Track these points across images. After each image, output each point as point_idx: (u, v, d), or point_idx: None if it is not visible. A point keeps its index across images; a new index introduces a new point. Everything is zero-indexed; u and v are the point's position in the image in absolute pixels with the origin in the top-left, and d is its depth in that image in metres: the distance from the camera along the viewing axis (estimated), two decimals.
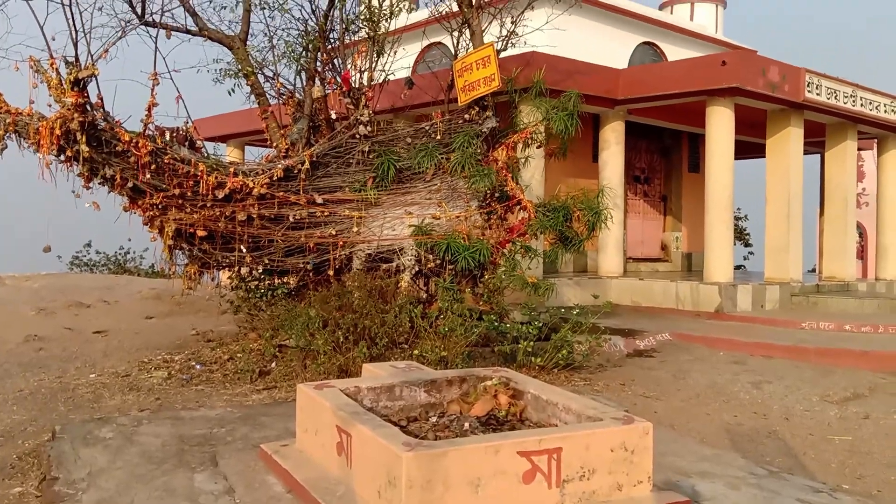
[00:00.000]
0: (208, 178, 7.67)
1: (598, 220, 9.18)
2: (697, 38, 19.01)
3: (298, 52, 9.26)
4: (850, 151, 15.84)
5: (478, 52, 8.98)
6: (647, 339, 10.41)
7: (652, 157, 18.34)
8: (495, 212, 9.21)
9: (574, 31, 14.36)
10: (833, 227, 16.04)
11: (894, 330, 11.36)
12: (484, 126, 9.11)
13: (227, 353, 8.12)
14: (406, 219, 8.74)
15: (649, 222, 18.34)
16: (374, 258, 8.64)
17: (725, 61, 12.94)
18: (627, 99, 14.13)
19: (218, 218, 7.93)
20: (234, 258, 8.23)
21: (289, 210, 8.19)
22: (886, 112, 15.71)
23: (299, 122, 8.92)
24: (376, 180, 8.64)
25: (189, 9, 8.83)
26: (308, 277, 8.66)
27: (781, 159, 14.32)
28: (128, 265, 22.42)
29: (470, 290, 8.80)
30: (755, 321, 12.31)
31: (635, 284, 14.33)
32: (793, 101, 13.72)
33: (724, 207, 13.47)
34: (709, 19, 20.32)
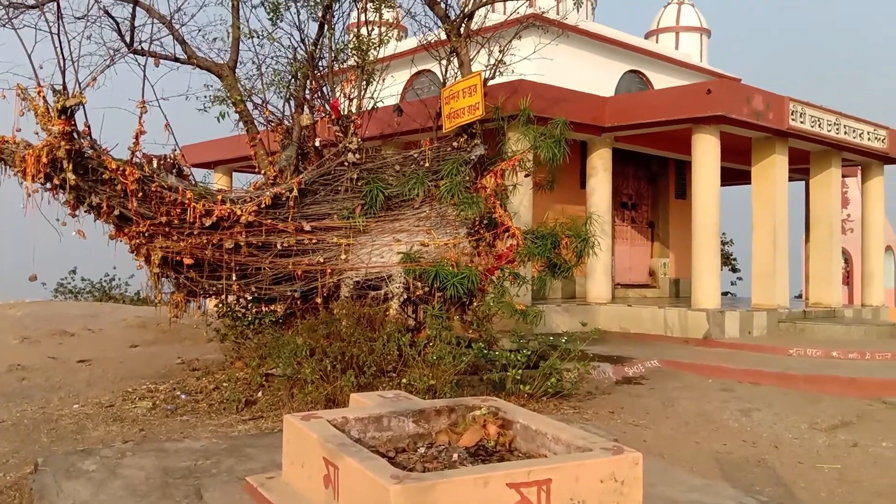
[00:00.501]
0: (196, 205, 7.63)
1: (586, 248, 9.20)
2: (682, 67, 19.23)
3: (287, 80, 9.29)
4: (834, 178, 16.00)
5: (465, 80, 9.04)
6: (635, 366, 10.39)
7: (639, 184, 18.45)
8: (484, 239, 9.21)
9: (561, 59, 14.50)
10: (819, 254, 16.15)
11: (881, 357, 11.41)
12: (472, 153, 9.15)
13: (212, 383, 8.04)
14: (395, 246, 8.73)
15: (637, 248, 18.41)
16: (363, 285, 8.61)
17: (710, 90, 13.08)
18: (614, 126, 14.24)
19: (205, 246, 7.89)
20: (221, 286, 8.18)
21: (277, 237, 8.17)
22: (869, 140, 15.90)
23: (288, 150, 8.93)
24: (365, 207, 8.63)
25: (178, 37, 8.85)
26: (296, 305, 8.61)
27: (767, 186, 14.44)
28: (113, 292, 22.24)
29: (459, 318, 8.78)
30: (743, 348, 12.33)
31: (623, 311, 14.34)
32: (777, 129, 13.87)
33: (710, 234, 13.54)
34: (693, 48, 20.57)
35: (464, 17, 9.64)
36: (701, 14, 20.97)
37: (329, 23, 9.16)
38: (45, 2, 7.90)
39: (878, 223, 17.81)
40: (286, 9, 9.24)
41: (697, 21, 20.77)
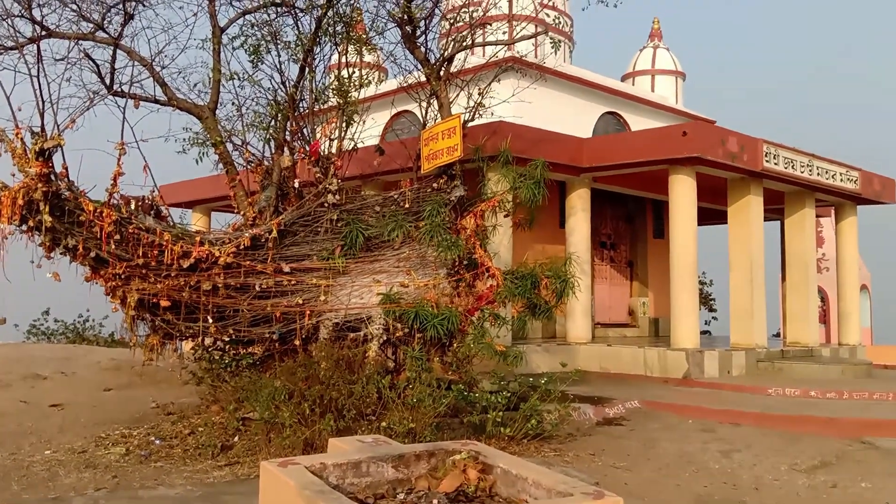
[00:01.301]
0: (173, 247, 7.58)
1: (566, 288, 9.22)
2: (658, 109, 19.55)
3: (267, 122, 9.31)
4: (808, 218, 16.24)
5: (445, 122, 9.13)
6: (616, 406, 10.36)
7: (618, 224, 18.61)
8: (464, 279, 9.20)
9: (540, 100, 14.69)
10: (795, 293, 16.31)
11: (859, 396, 11.48)
12: (452, 195, 9.19)
13: (188, 427, 7.90)
14: (374, 287, 8.69)
15: (616, 288, 18.50)
16: (342, 327, 8.55)
17: (686, 132, 13.29)
18: (593, 167, 14.40)
19: (182, 287, 7.81)
20: (198, 328, 8.09)
21: (255, 279, 8.11)
22: (842, 181, 16.19)
23: (267, 190, 8.91)
24: (344, 248, 8.61)
25: (159, 79, 8.87)
26: (274, 347, 8.52)
27: (743, 226, 14.61)
28: (87, 333, 21.85)
29: (439, 359, 8.73)
30: (722, 387, 12.35)
31: (604, 350, 14.34)
32: (752, 171, 14.09)
33: (688, 273, 13.64)
34: (669, 90, 20.95)
35: (443, 61, 9.75)
36: (675, 58, 21.39)
37: (310, 65, 9.23)
38: (25, 44, 7.91)
39: (852, 263, 18.05)
40: (267, 52, 9.31)
41: (672, 64, 21.18)
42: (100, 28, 8.77)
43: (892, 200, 18.14)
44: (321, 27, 9.15)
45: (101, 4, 8.75)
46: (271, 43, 9.35)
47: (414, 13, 9.20)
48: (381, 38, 10.34)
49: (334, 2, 9.16)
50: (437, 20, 10.79)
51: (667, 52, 21.32)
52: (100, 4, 8.75)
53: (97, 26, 8.76)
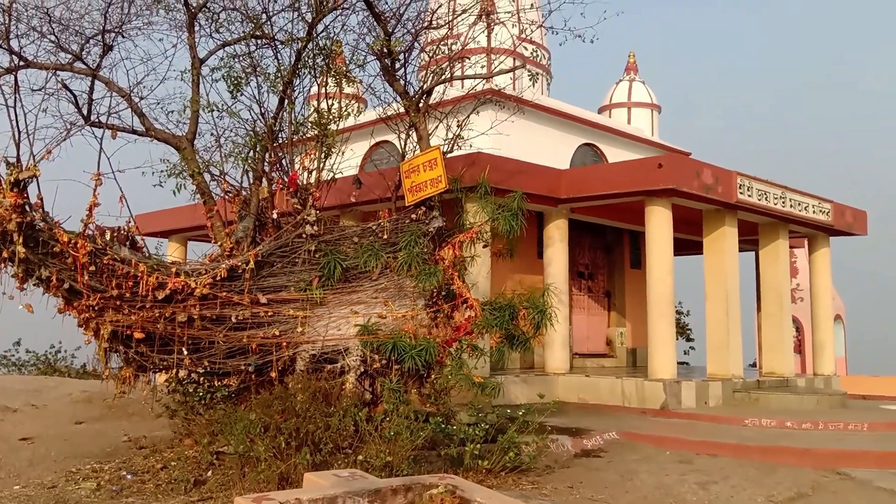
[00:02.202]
0: (149, 278, 7.52)
1: (544, 319, 9.24)
2: (635, 141, 19.80)
3: (246, 153, 9.32)
4: (782, 249, 16.44)
5: (425, 154, 9.18)
6: (594, 438, 10.34)
7: (595, 254, 18.72)
8: (442, 310, 9.20)
9: (518, 132, 14.82)
10: (770, 323, 16.45)
11: (834, 427, 11.55)
12: (430, 226, 9.22)
13: (160, 461, 7.77)
14: (352, 318, 8.66)
15: (594, 318, 18.56)
16: (319, 359, 8.49)
17: (662, 164, 13.45)
18: (570, 198, 14.51)
19: (157, 319, 7.74)
20: (172, 360, 7.99)
21: (231, 310, 8.05)
22: (815, 213, 16.44)
23: (245, 221, 8.89)
24: (322, 279, 8.59)
25: (136, 110, 8.86)
26: (250, 379, 8.44)
27: (718, 257, 14.76)
28: (58, 364, 21.52)
29: (416, 391, 8.69)
30: (699, 418, 12.38)
31: (582, 381, 14.35)
32: (726, 202, 14.27)
33: (665, 303, 13.73)
34: (645, 123, 21.23)
35: (422, 94, 9.84)
36: (651, 91, 21.72)
37: (289, 97, 9.26)
38: (2, 74, 7.88)
39: (826, 294, 18.26)
40: (246, 83, 9.34)
41: (648, 97, 21.50)
42: (78, 59, 8.77)
43: (863, 232, 18.44)
44: (301, 60, 9.21)
45: (79, 35, 8.77)
46: (251, 74, 9.38)
47: (393, 46, 9.29)
48: (361, 70, 10.42)
49: (314, 35, 9.22)
50: (417, 53, 10.91)
51: (642, 85, 21.65)
52: (78, 35, 8.76)
53: (75, 57, 8.76)
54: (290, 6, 9.17)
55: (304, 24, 9.18)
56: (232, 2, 9.18)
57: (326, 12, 9.10)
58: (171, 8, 9.00)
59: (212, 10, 9.24)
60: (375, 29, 9.70)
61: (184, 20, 9.15)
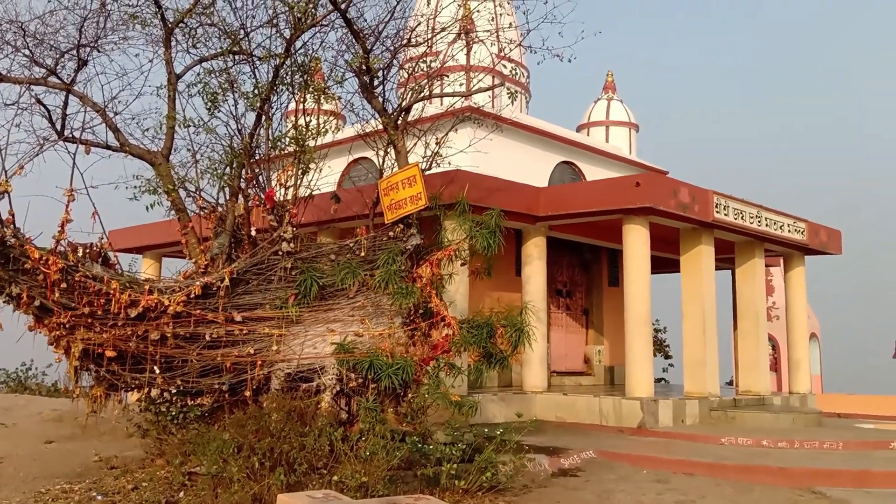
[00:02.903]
0: (121, 296, 7.42)
1: (521, 338, 9.21)
2: (613, 159, 19.93)
3: (222, 170, 9.24)
4: (758, 268, 16.57)
5: (403, 171, 9.15)
6: (571, 457, 10.31)
7: (573, 272, 18.77)
8: (419, 328, 9.15)
9: (497, 149, 14.86)
10: (746, 341, 16.55)
11: (809, 445, 11.61)
12: (408, 243, 9.18)
13: (131, 482, 7.63)
14: (328, 336, 8.59)
15: (572, 335, 18.57)
16: (294, 378, 8.40)
17: (639, 183, 13.54)
18: (548, 216, 14.55)
19: (129, 337, 7.62)
20: (144, 379, 7.87)
21: (206, 328, 7.95)
22: (790, 232, 16.61)
23: (220, 237, 8.80)
24: (298, 297, 8.51)
25: (111, 125, 8.77)
26: (223, 398, 8.33)
27: (695, 275, 14.85)
28: (29, 382, 21.14)
29: (393, 410, 8.61)
30: (676, 437, 12.40)
31: (559, 400, 14.33)
32: (703, 221, 14.38)
33: (642, 322, 13.77)
34: (623, 141, 21.40)
35: (401, 111, 9.84)
36: (629, 109, 21.91)
37: (266, 113, 9.22)
38: None
39: (801, 312, 18.42)
40: (224, 99, 9.28)
41: (626, 116, 21.68)
42: (52, 73, 8.68)
43: (838, 251, 18.66)
44: (279, 76, 9.17)
45: (54, 50, 8.68)
46: (228, 90, 9.32)
47: (372, 64, 9.29)
48: (340, 86, 10.40)
49: (293, 51, 9.20)
50: (396, 70, 10.92)
51: (620, 104, 21.83)
52: (53, 50, 8.67)
53: (50, 72, 8.67)
54: (267, 22, 9.15)
55: (282, 41, 9.16)
56: (209, 17, 9.13)
57: (305, 29, 9.08)
58: (147, 23, 8.93)
59: (189, 25, 9.18)
60: (354, 46, 9.70)
61: (160, 35, 9.10)
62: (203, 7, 8.97)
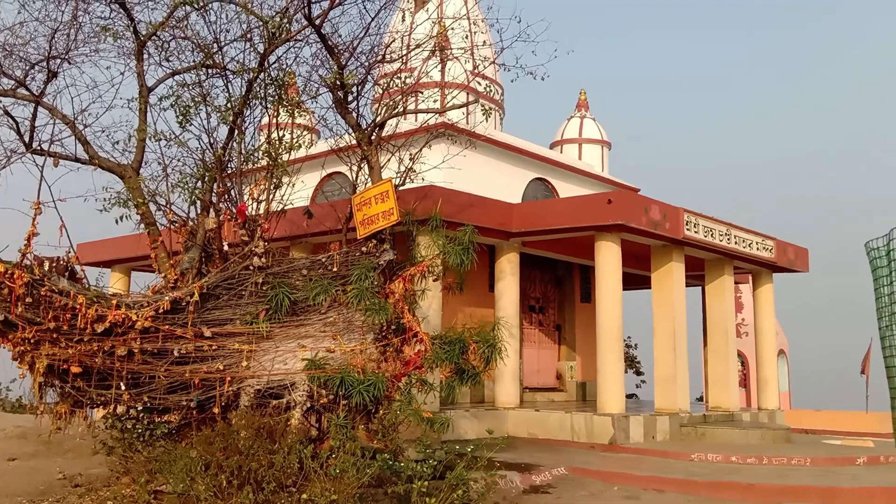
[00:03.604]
0: (87, 310, 7.30)
1: (494, 354, 9.21)
2: (585, 176, 20.09)
3: (194, 183, 9.16)
4: (727, 285, 16.77)
5: (376, 187, 9.14)
6: (543, 473, 10.30)
7: (546, 288, 18.84)
8: (392, 344, 9.10)
9: (471, 165, 14.92)
10: (716, 358, 16.71)
11: (778, 461, 11.72)
12: (381, 259, 9.14)
13: (96, 500, 7.49)
14: (299, 352, 8.51)
15: (545, 351, 18.61)
16: (264, 394, 8.31)
17: (611, 200, 13.65)
18: (522, 232, 14.61)
19: (96, 353, 7.49)
20: (110, 396, 7.73)
21: (174, 344, 7.84)
22: (758, 250, 16.84)
23: (191, 252, 8.72)
24: (269, 312, 8.43)
25: (81, 137, 8.66)
26: (191, 415, 8.20)
27: (666, 292, 14.98)
28: None
29: (364, 427, 8.55)
30: (647, 453, 12.45)
31: (531, 416, 14.33)
32: (674, 238, 14.52)
33: (614, 338, 13.84)
34: (595, 159, 21.57)
35: (375, 127, 9.83)
36: (602, 127, 22.12)
37: (239, 127, 9.16)
38: None
39: (770, 329, 18.65)
40: (196, 112, 9.21)
41: (599, 134, 21.88)
42: (21, 85, 8.56)
43: (805, 269, 18.94)
44: (252, 90, 9.13)
45: (23, 61, 8.56)
46: (200, 104, 9.26)
47: (346, 79, 9.28)
48: (314, 101, 10.37)
49: (266, 66, 9.17)
50: (370, 86, 10.92)
51: (593, 121, 22.03)
52: (23, 61, 8.56)
53: (19, 83, 8.55)
54: (241, 37, 9.11)
55: (256, 55, 9.13)
56: (183, 31, 9.08)
57: (279, 44, 9.06)
58: (119, 35, 8.85)
59: (162, 38, 9.11)
60: (328, 61, 9.69)
61: (132, 48, 9.02)
62: (176, 20, 8.91)
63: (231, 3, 8.76)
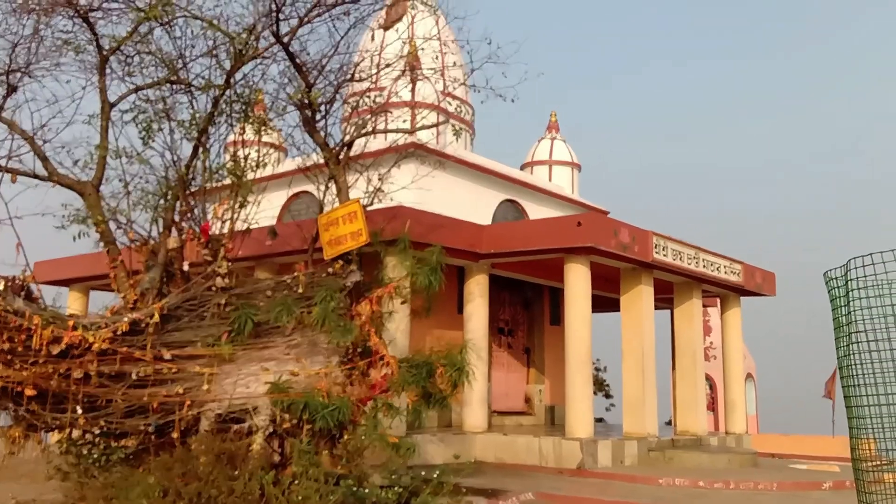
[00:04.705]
0: (43, 331, 7.08)
1: (461, 377, 9.09)
2: (556, 198, 20.15)
3: (156, 201, 8.96)
4: (696, 308, 16.84)
5: (344, 207, 9.02)
6: (510, 499, 10.16)
7: (515, 310, 18.77)
8: (357, 367, 8.95)
9: (441, 186, 14.86)
10: (684, 381, 16.73)
11: (744, 486, 11.71)
12: (348, 280, 9.01)
13: None
14: (262, 375, 8.32)
15: (513, 374, 18.51)
16: (225, 418, 8.09)
17: (581, 222, 13.66)
18: (491, 253, 14.55)
19: (51, 375, 7.26)
20: (66, 419, 7.48)
21: (132, 366, 7.62)
22: (726, 273, 16.95)
23: (152, 272, 8.51)
24: (232, 334, 8.24)
25: (40, 153, 8.45)
26: (149, 440, 7.96)
27: (634, 315, 14.99)
28: None
29: (328, 452, 8.37)
30: (615, 478, 12.37)
31: (499, 440, 14.19)
32: (643, 261, 14.56)
33: (583, 361, 13.79)
34: (565, 181, 21.66)
35: (343, 146, 9.73)
36: (572, 149, 22.24)
37: (204, 145, 9.00)
38: None
39: (737, 353, 18.75)
40: (159, 129, 9.04)
41: (569, 156, 21.98)
42: None
43: (772, 293, 19.11)
44: (218, 107, 8.99)
45: None
46: (164, 119, 9.08)
47: (314, 98, 9.18)
48: (281, 119, 10.25)
49: (233, 83, 9.04)
50: (339, 105, 10.83)
51: (563, 143, 22.14)
52: None
53: None
54: (207, 53, 8.97)
55: (221, 72, 8.99)
56: (147, 46, 8.92)
57: (246, 61, 8.94)
58: (81, 49, 8.67)
59: (125, 53, 8.94)
60: (297, 79, 9.59)
61: (95, 62, 8.83)
62: (140, 35, 8.76)
63: (197, 18, 8.61)
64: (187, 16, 8.66)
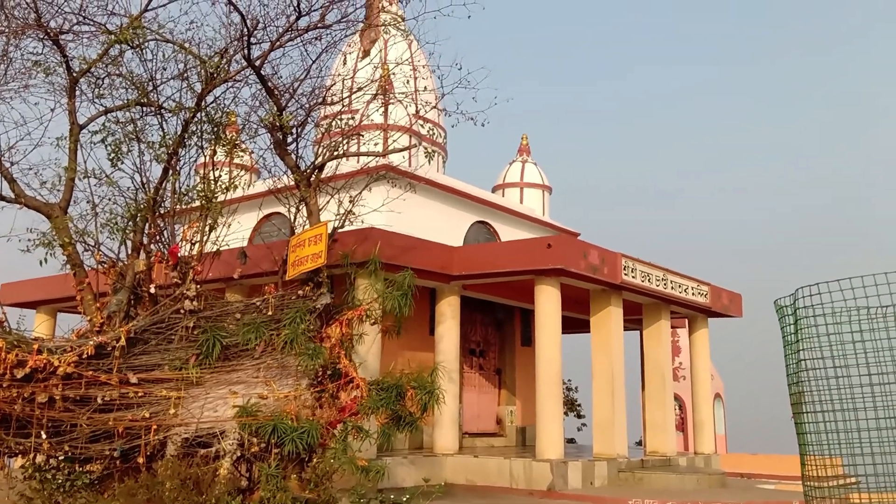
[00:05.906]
0: (7, 355, 6.99)
1: (431, 400, 9.10)
2: (527, 220, 20.30)
3: (125, 223, 8.90)
4: (664, 329, 17.02)
5: (312, 229, 9.05)
6: None
7: (487, 331, 18.82)
8: (327, 390, 8.92)
9: (413, 208, 14.92)
10: (654, 402, 16.87)
11: None
12: (318, 302, 9.01)
13: None
14: (230, 399, 8.26)
15: (485, 396, 18.52)
16: (192, 443, 8.02)
17: (551, 244, 13.79)
18: (463, 275, 14.61)
19: (15, 399, 7.16)
20: (30, 444, 7.36)
21: (98, 390, 7.54)
22: (694, 295, 17.17)
23: (119, 294, 8.44)
24: (200, 357, 8.19)
25: (6, 175, 8.37)
26: (115, 465, 7.86)
27: (604, 336, 15.11)
28: None
29: (297, 476, 8.31)
30: (585, 499, 12.41)
31: (470, 462, 14.18)
32: (612, 283, 14.71)
33: (553, 382, 13.86)
34: (536, 203, 21.84)
35: (314, 169, 9.76)
36: (543, 172, 22.45)
37: (173, 167, 8.98)
38: None
39: (705, 373, 18.95)
40: (129, 151, 9.00)
41: (540, 178, 22.19)
42: None
43: (738, 314, 19.37)
44: (188, 129, 8.98)
45: None
46: (134, 140, 9.05)
47: (285, 121, 9.22)
48: (253, 141, 10.26)
49: (204, 105, 9.04)
50: (311, 127, 10.87)
51: (535, 166, 22.36)
52: None
53: None
54: (178, 76, 8.98)
55: (192, 95, 9.00)
56: (117, 68, 8.91)
57: (217, 84, 8.96)
58: (51, 71, 8.64)
59: (95, 75, 8.92)
60: (268, 102, 9.62)
61: (64, 84, 8.81)
62: (111, 58, 8.74)
63: (168, 42, 8.63)
64: (158, 39, 8.68)
